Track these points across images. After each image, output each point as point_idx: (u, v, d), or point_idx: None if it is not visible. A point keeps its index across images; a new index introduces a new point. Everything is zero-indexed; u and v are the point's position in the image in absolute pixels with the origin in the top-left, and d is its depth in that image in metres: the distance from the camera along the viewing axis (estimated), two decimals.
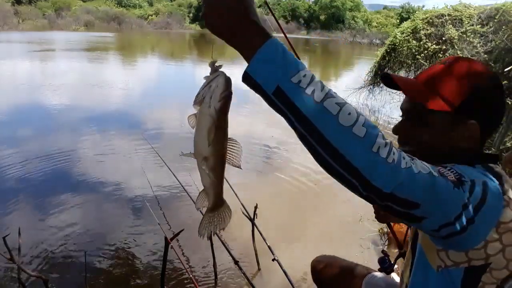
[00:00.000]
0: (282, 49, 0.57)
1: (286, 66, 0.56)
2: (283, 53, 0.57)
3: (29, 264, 2.29)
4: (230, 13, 0.57)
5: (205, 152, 0.65)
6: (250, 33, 0.58)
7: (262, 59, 0.57)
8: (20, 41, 19.59)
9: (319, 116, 0.56)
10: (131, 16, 46.99)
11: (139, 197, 3.26)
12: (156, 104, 7.30)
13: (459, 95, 0.79)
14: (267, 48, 0.57)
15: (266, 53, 0.57)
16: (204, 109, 0.64)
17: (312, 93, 0.56)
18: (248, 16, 0.58)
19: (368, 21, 61.93)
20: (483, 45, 5.65)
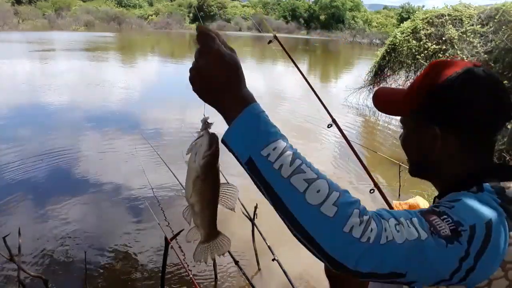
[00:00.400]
0: (257, 119, 0.58)
1: (257, 138, 0.57)
2: (258, 124, 0.58)
3: (29, 264, 2.29)
4: (215, 83, 0.60)
5: (191, 199, 0.70)
6: (229, 103, 0.60)
7: (237, 130, 0.59)
8: (21, 41, 19.61)
9: (286, 193, 0.55)
10: (131, 16, 47.02)
11: (139, 197, 3.26)
12: (156, 104, 7.31)
13: (416, 97, 0.74)
14: (242, 119, 0.58)
15: (241, 124, 0.58)
16: (191, 163, 0.69)
17: (279, 168, 0.55)
18: (229, 89, 0.60)
19: (368, 21, 61.96)
20: (483, 45, 5.65)
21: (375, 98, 0.84)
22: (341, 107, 7.74)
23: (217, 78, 0.59)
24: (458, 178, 0.73)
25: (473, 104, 0.69)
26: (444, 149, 0.73)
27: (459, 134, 0.71)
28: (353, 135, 5.82)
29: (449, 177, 0.75)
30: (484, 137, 0.73)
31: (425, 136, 0.74)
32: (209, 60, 0.59)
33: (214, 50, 0.59)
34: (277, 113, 6.53)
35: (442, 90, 0.71)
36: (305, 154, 0.60)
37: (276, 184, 0.56)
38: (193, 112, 6.74)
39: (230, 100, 0.60)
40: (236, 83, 0.60)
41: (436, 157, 0.74)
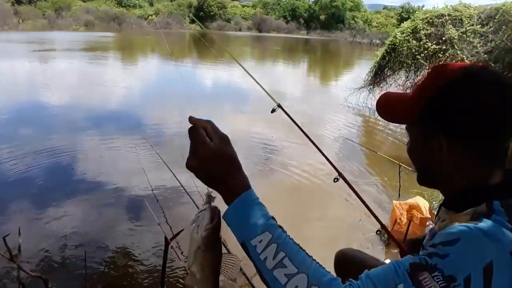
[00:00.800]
0: (248, 210, 0.64)
1: (247, 229, 0.63)
2: (248, 215, 0.63)
3: (29, 264, 2.29)
4: (209, 178, 0.66)
5: (192, 268, 0.74)
6: (224, 191, 0.66)
7: (230, 217, 0.65)
8: (22, 41, 19.59)
9: (271, 282, 0.61)
10: (131, 16, 47.00)
11: (139, 197, 3.26)
12: (156, 104, 7.31)
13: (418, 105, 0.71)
14: (234, 208, 0.65)
15: (233, 212, 0.65)
16: (193, 234, 0.72)
17: (264, 259, 0.61)
18: (223, 181, 0.65)
19: (368, 21, 61.94)
20: (483, 45, 5.65)
21: (378, 105, 0.81)
22: (341, 107, 7.74)
23: (210, 175, 0.66)
24: (466, 189, 0.69)
25: (476, 109, 0.65)
26: (450, 159, 0.69)
27: (465, 142, 0.67)
28: (353, 135, 5.83)
29: (457, 187, 0.71)
30: (492, 144, 0.67)
31: (430, 145, 0.71)
32: (201, 161, 0.65)
33: (204, 150, 0.65)
34: (277, 114, 6.51)
35: (443, 96, 0.67)
36: (305, 154, 0.60)
37: (262, 271, 0.62)
38: (193, 112, 6.73)
39: (224, 190, 0.66)
40: (228, 173, 0.65)
41: (442, 167, 0.71)
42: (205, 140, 0.65)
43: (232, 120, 6.18)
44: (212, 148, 0.65)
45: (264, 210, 0.65)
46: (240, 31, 53.93)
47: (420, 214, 2.63)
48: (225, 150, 0.66)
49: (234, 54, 16.21)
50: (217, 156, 0.65)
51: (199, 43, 27.55)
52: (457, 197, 0.72)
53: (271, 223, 0.64)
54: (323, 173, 3.89)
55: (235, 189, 0.65)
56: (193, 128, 0.67)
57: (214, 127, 0.68)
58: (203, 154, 0.65)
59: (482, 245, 0.58)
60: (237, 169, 0.67)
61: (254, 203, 0.65)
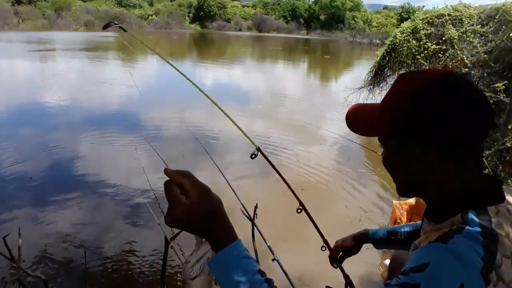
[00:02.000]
0: (226, 267, 0.63)
1: (230, 282, 0.62)
2: (227, 271, 0.63)
3: (29, 264, 2.29)
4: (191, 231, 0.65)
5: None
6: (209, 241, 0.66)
7: (213, 269, 0.65)
8: (22, 41, 19.60)
9: None
10: (131, 16, 47.02)
11: (139, 197, 3.26)
12: (156, 104, 7.30)
13: (388, 116, 0.69)
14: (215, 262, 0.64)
15: (215, 266, 0.64)
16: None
17: None
18: (208, 236, 0.65)
19: (368, 21, 61.99)
20: (483, 45, 5.65)
21: (348, 119, 0.78)
22: (341, 106, 7.74)
23: (190, 231, 0.65)
24: (445, 197, 0.69)
25: (447, 116, 0.63)
26: (427, 168, 0.68)
27: (440, 150, 0.65)
28: (353, 135, 5.82)
29: (437, 195, 0.71)
30: (466, 150, 0.66)
31: (406, 156, 0.69)
32: (176, 220, 0.63)
33: (178, 211, 0.63)
34: (276, 115, 6.54)
35: (413, 106, 0.65)
36: (306, 155, 0.60)
37: None
38: (193, 112, 6.74)
39: (209, 240, 0.65)
40: (208, 229, 0.64)
41: (420, 177, 0.70)
42: (178, 199, 0.64)
43: None
44: (186, 207, 0.63)
45: (250, 265, 0.64)
46: (240, 31, 53.93)
47: (420, 214, 2.63)
48: (202, 206, 0.63)
49: (233, 54, 16.12)
50: (193, 214, 0.63)
51: (199, 43, 27.48)
52: (437, 207, 0.71)
53: (256, 279, 0.63)
54: (322, 168, 3.89)
55: (221, 242, 0.64)
56: (167, 183, 0.65)
57: (192, 179, 0.65)
58: (177, 214, 0.63)
59: (452, 268, 0.57)
60: (219, 222, 0.65)
61: (240, 256, 0.64)
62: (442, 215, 0.68)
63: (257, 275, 0.64)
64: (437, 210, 0.70)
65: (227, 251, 0.63)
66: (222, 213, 0.65)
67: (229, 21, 57.95)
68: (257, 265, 0.65)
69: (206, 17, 56.61)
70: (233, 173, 3.64)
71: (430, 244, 0.62)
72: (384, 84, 7.48)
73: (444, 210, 0.68)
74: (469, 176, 0.68)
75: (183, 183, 0.65)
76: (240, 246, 0.65)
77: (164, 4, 56.42)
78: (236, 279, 0.62)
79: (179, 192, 0.64)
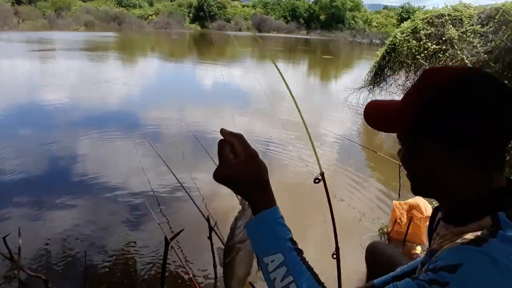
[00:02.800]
0: (265, 228, 0.66)
1: (262, 246, 0.66)
2: (264, 232, 0.66)
3: (29, 264, 2.29)
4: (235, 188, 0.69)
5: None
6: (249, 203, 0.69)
7: (249, 231, 0.69)
8: (22, 41, 19.59)
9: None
10: (131, 16, 47.03)
11: (139, 197, 3.26)
12: (157, 103, 7.31)
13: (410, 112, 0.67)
14: (254, 223, 0.68)
15: (252, 227, 0.68)
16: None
17: (273, 279, 0.64)
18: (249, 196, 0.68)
19: (368, 21, 62.01)
20: (483, 45, 5.65)
21: (367, 114, 0.76)
22: (341, 107, 7.75)
23: (233, 189, 0.69)
24: (468, 200, 0.66)
25: (474, 114, 0.61)
26: (449, 167, 0.66)
27: (465, 149, 0.63)
28: (353, 135, 5.83)
29: (457, 197, 0.68)
30: (491, 150, 0.64)
31: (427, 154, 0.67)
32: (223, 176, 0.67)
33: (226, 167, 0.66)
34: (276, 115, 6.54)
35: (438, 102, 0.64)
36: (305, 155, 0.60)
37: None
38: (193, 112, 6.74)
39: (250, 204, 0.69)
40: (251, 190, 0.67)
41: (441, 176, 0.68)
42: (228, 156, 0.67)
43: (229, 119, 6.18)
44: (234, 165, 0.66)
45: (284, 232, 0.66)
46: (240, 31, 53.93)
47: (420, 214, 2.63)
48: (248, 167, 0.67)
49: (234, 54, 16.16)
50: (238, 172, 0.66)
51: (199, 43, 27.46)
52: (457, 209, 0.68)
53: (287, 246, 0.65)
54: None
55: (259, 205, 0.67)
56: (220, 141, 0.69)
57: (243, 141, 0.68)
58: (225, 169, 0.66)
59: (486, 272, 0.55)
60: (261, 186, 0.68)
61: (276, 222, 0.67)
62: (465, 218, 0.65)
63: (288, 243, 0.66)
64: (459, 212, 0.68)
65: (263, 215, 0.67)
66: (265, 179, 0.68)
67: (229, 21, 57.95)
68: (289, 233, 0.68)
69: (206, 17, 56.59)
70: None
71: (462, 246, 0.59)
72: (384, 84, 7.49)
73: (467, 212, 0.65)
74: (495, 177, 0.66)
75: (234, 143, 0.68)
76: (277, 212, 0.68)
77: (164, 4, 56.43)
78: (269, 243, 0.65)
79: (230, 151, 0.68)
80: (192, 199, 2.40)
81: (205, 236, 2.14)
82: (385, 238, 2.79)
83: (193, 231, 2.60)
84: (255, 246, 0.67)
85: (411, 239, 2.67)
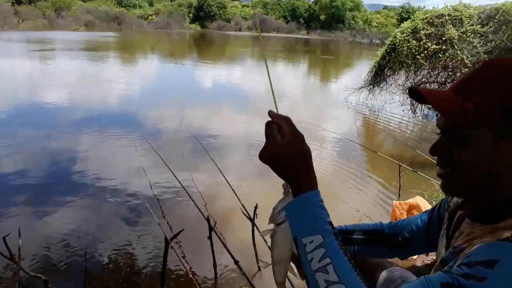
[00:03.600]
0: (306, 209, 0.67)
1: (302, 226, 0.67)
2: (305, 213, 0.67)
3: (29, 264, 2.29)
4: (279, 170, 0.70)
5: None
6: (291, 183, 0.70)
7: (290, 211, 0.69)
8: (22, 41, 19.60)
9: (310, 282, 0.65)
10: (131, 16, 47.05)
11: (139, 197, 3.25)
12: (157, 103, 7.30)
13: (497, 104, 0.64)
14: (295, 204, 0.68)
15: (293, 207, 0.69)
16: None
17: (310, 260, 0.64)
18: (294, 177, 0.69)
19: (368, 21, 62.04)
20: (483, 45, 5.66)
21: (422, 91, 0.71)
22: (341, 106, 7.75)
23: (277, 169, 0.70)
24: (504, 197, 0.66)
25: None
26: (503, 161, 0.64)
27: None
28: (353, 135, 5.83)
29: (496, 194, 0.67)
30: None
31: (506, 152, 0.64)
32: (269, 155, 0.69)
33: (273, 146, 0.68)
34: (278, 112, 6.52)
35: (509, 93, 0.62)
36: None
37: (306, 270, 0.65)
38: (193, 112, 6.74)
39: (292, 185, 0.70)
40: (296, 171, 0.68)
41: (501, 173, 0.65)
42: (275, 136, 0.68)
43: (229, 119, 6.18)
44: (280, 145, 0.68)
45: (323, 214, 0.67)
46: (240, 31, 53.94)
47: None
48: (294, 148, 0.68)
49: (234, 55, 16.23)
50: (284, 153, 0.67)
51: (199, 42, 27.43)
52: (489, 207, 0.67)
53: (326, 228, 0.66)
54: (322, 166, 3.90)
55: (302, 187, 0.68)
56: (268, 122, 0.70)
57: (290, 124, 0.70)
58: (271, 149, 0.68)
59: None
60: (305, 168, 0.69)
61: (316, 205, 0.67)
62: (496, 215, 0.65)
63: (327, 225, 0.66)
64: (490, 210, 0.67)
65: (304, 197, 0.67)
66: (309, 161, 0.70)
67: (229, 21, 57.96)
68: (329, 217, 0.68)
69: (206, 17, 56.63)
70: (233, 173, 3.64)
71: (499, 242, 0.58)
72: (384, 84, 7.49)
73: (501, 210, 0.65)
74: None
75: (281, 125, 0.69)
76: (318, 195, 0.68)
77: (164, 4, 56.45)
78: (309, 224, 0.66)
79: (277, 132, 0.69)
80: (192, 199, 2.40)
81: (205, 236, 2.14)
82: None
83: (193, 231, 2.60)
84: (295, 226, 0.68)
85: None
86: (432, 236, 0.96)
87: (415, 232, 1.01)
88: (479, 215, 0.70)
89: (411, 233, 1.02)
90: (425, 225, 0.99)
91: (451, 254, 0.70)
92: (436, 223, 0.95)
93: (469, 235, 0.69)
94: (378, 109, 7.56)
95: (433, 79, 6.67)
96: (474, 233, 0.68)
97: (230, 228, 2.76)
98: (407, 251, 1.06)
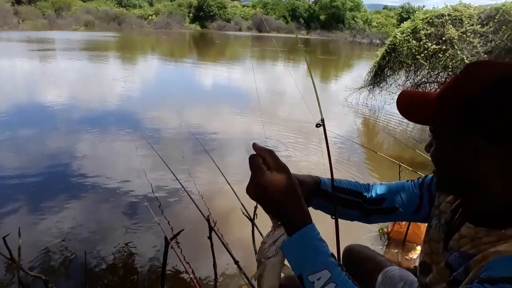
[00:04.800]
0: (306, 246, 0.65)
1: (305, 264, 0.64)
2: (306, 251, 0.64)
3: (29, 264, 2.29)
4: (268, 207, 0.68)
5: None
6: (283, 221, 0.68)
7: (288, 251, 0.67)
8: (22, 40, 19.59)
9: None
10: (131, 16, 47.04)
11: (139, 197, 3.25)
12: (157, 103, 7.30)
13: (455, 105, 0.64)
14: (292, 242, 0.66)
15: (291, 246, 0.66)
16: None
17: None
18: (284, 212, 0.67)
19: (368, 21, 62.05)
20: (483, 45, 5.66)
21: (401, 105, 0.74)
22: (341, 106, 7.75)
23: (267, 203, 0.67)
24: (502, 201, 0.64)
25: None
26: (490, 165, 0.63)
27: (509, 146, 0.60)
28: (353, 135, 5.83)
29: (490, 198, 0.66)
30: None
31: (467, 149, 0.64)
32: (256, 187, 0.67)
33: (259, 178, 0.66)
34: (278, 112, 6.55)
35: (487, 97, 0.61)
36: (305, 154, 0.60)
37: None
38: (193, 112, 6.74)
39: (284, 221, 0.68)
40: (286, 204, 0.66)
41: (478, 174, 0.65)
42: (261, 167, 0.67)
43: (228, 119, 6.18)
44: (266, 177, 0.66)
45: (324, 247, 0.66)
46: (240, 31, 53.95)
47: None
48: (280, 180, 0.67)
49: (234, 55, 16.30)
50: (272, 185, 0.66)
51: (199, 42, 27.43)
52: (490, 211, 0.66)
53: (331, 261, 0.64)
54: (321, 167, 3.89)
55: (295, 222, 0.66)
56: (252, 155, 0.69)
57: (274, 156, 0.69)
58: (258, 181, 0.66)
59: None
60: (297, 203, 0.67)
61: (315, 238, 0.66)
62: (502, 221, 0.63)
63: (331, 258, 0.65)
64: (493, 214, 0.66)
65: (302, 233, 0.65)
66: (299, 194, 0.68)
67: (229, 21, 57.96)
68: (329, 249, 0.67)
69: (206, 17, 56.63)
70: (233, 173, 3.64)
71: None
72: (384, 84, 7.50)
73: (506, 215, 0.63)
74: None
75: (265, 157, 0.69)
76: (315, 229, 0.67)
77: (164, 4, 56.44)
78: (313, 261, 0.64)
79: (262, 163, 0.68)
80: (192, 199, 2.40)
81: (205, 236, 2.14)
82: (385, 238, 2.79)
83: (193, 231, 2.60)
84: (297, 264, 0.65)
85: (411, 239, 2.67)
86: (422, 211, 0.97)
87: (405, 204, 1.01)
88: (480, 219, 0.68)
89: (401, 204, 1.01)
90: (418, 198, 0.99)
91: (458, 259, 0.68)
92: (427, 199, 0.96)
93: (474, 240, 0.67)
94: (378, 109, 7.57)
95: (433, 79, 6.67)
96: (481, 239, 0.65)
97: (230, 228, 2.76)
98: (386, 218, 1.07)
